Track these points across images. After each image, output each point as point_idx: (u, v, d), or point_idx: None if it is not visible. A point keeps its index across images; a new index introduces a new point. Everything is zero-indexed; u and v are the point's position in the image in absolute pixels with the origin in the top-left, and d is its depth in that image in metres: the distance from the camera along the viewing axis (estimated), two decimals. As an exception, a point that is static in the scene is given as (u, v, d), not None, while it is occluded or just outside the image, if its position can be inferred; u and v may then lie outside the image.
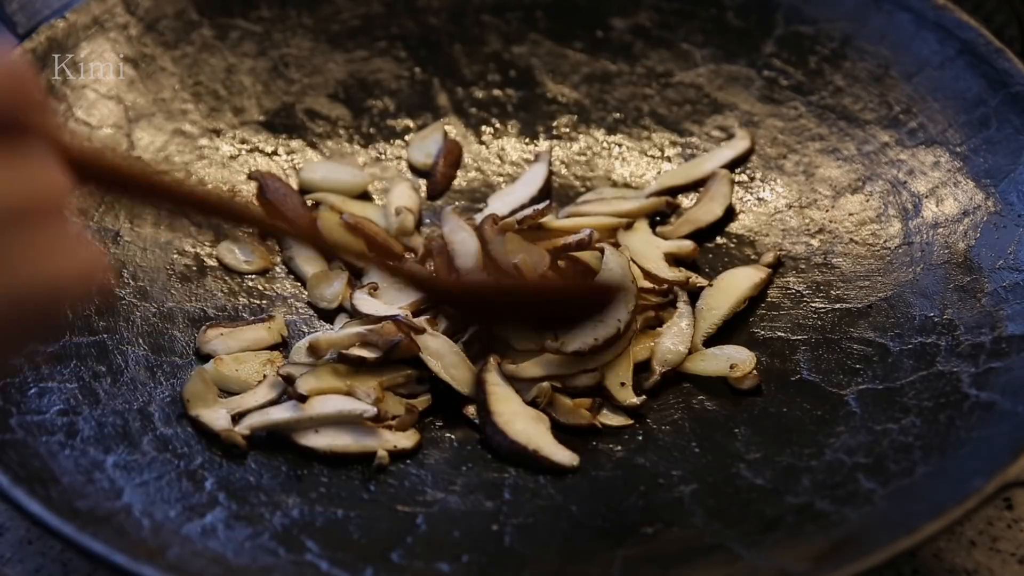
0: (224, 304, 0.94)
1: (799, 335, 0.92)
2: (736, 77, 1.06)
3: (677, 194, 1.03)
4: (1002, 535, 0.85)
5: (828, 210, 1.00)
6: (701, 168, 1.03)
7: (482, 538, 0.80)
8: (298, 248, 0.98)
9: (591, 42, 1.09)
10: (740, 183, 1.03)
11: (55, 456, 0.79)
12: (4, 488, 0.74)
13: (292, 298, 0.96)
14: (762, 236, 1.00)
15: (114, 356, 0.88)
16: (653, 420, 0.88)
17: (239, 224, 0.85)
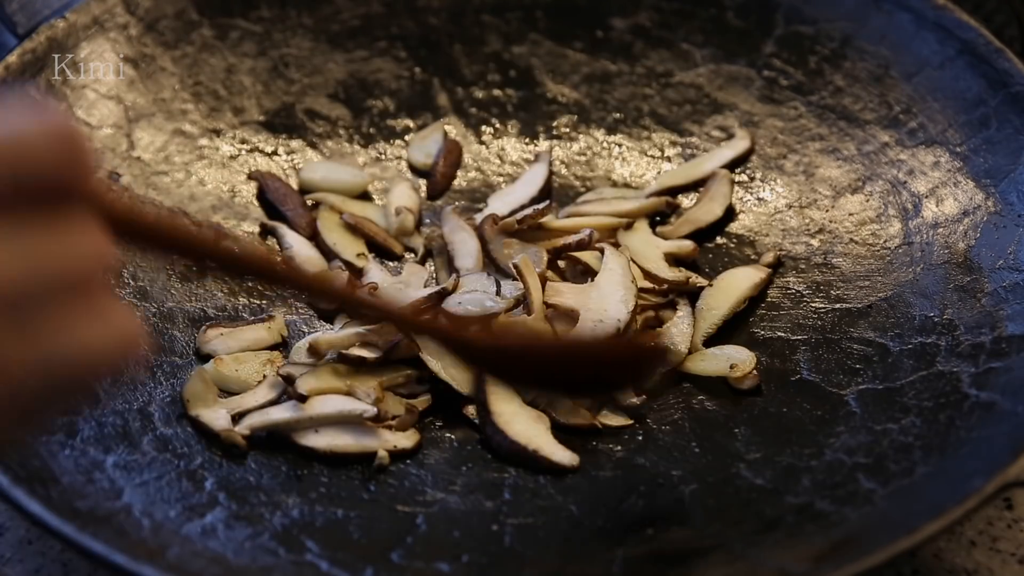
0: (224, 304, 0.94)
1: (799, 335, 0.92)
2: (736, 77, 1.06)
3: (677, 194, 1.03)
4: (1002, 535, 0.85)
5: (828, 210, 1.00)
6: (701, 168, 1.03)
7: (482, 538, 0.80)
8: (298, 248, 0.98)
9: (591, 42, 1.09)
10: (740, 183, 1.03)
11: (55, 456, 0.79)
12: (4, 488, 0.74)
13: (292, 298, 0.96)
14: (762, 236, 1.00)
15: (114, 356, 0.88)
16: (653, 420, 0.88)
17: (285, 288, 0.80)
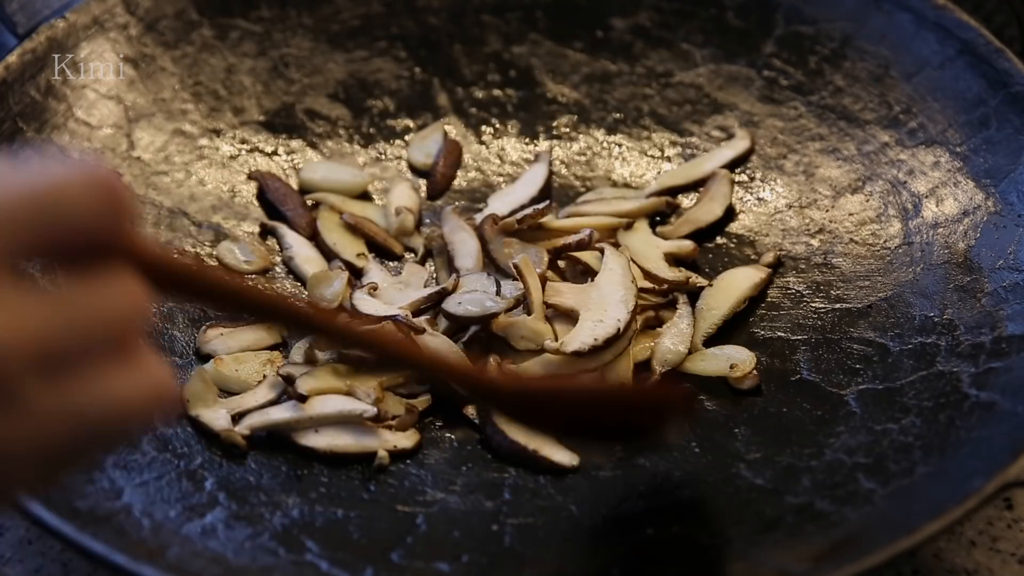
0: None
1: (799, 335, 0.92)
2: (736, 77, 1.06)
3: (677, 194, 1.03)
4: (1002, 535, 0.85)
5: (828, 210, 0.99)
6: (701, 168, 1.03)
7: (482, 538, 0.80)
8: (298, 248, 0.98)
9: (591, 42, 1.09)
10: (740, 183, 1.03)
11: (55, 456, 0.79)
12: (4, 488, 0.74)
13: (292, 298, 0.96)
14: (762, 236, 1.00)
15: (114, 356, 0.88)
16: (653, 420, 0.88)
17: (325, 337, 0.81)
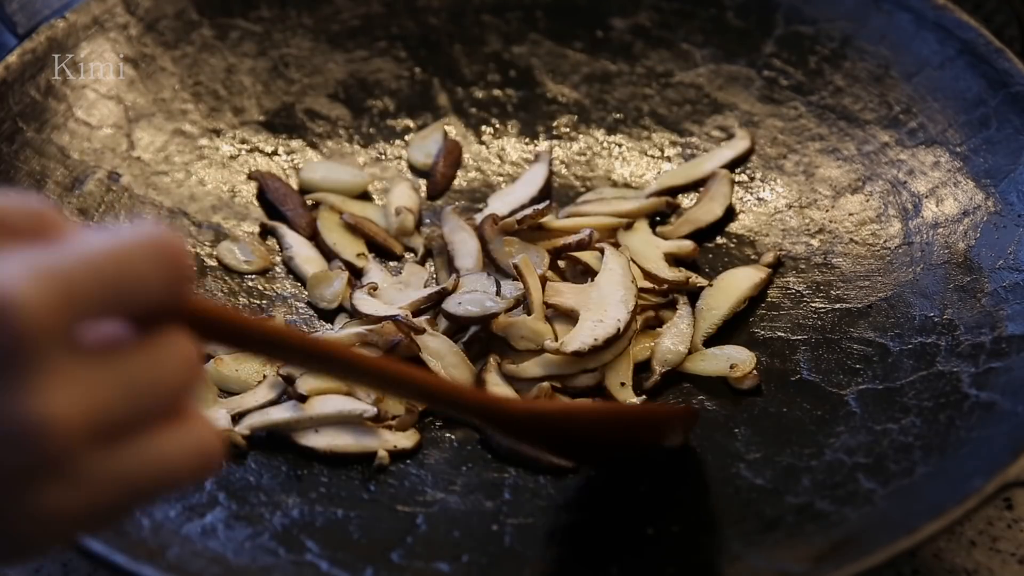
0: (224, 304, 0.94)
1: (799, 335, 0.92)
2: (736, 77, 1.06)
3: (677, 194, 1.03)
4: (1002, 535, 0.85)
5: (828, 210, 0.99)
6: (701, 168, 1.03)
7: (482, 538, 0.80)
8: (298, 248, 0.98)
9: (591, 42, 1.09)
10: (740, 183, 1.03)
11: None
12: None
13: (292, 298, 0.96)
14: (762, 236, 1.00)
15: (114, 356, 0.88)
16: (653, 420, 0.88)
17: (374, 388, 0.81)
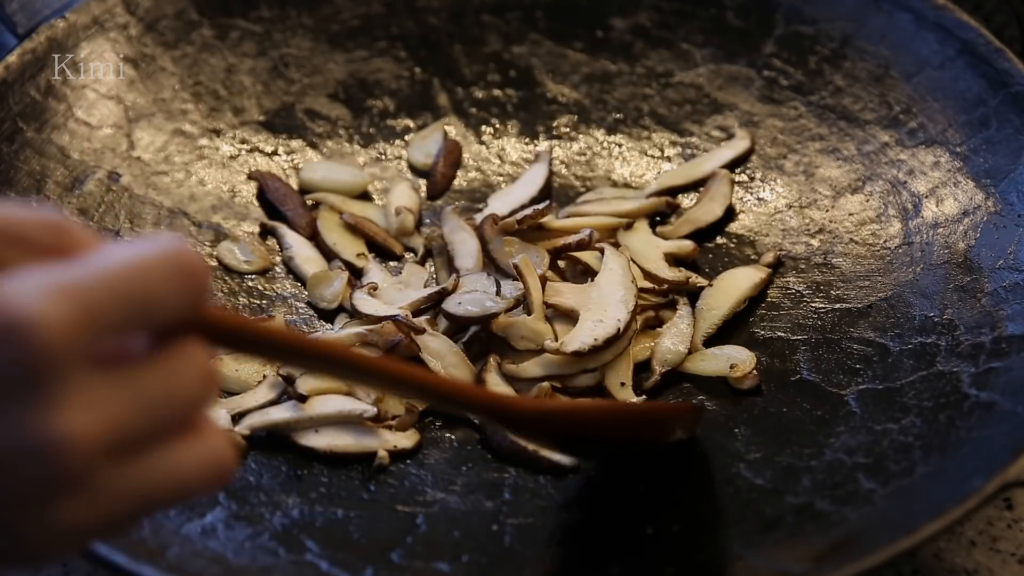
0: (224, 304, 0.94)
1: (799, 335, 0.92)
2: (736, 77, 1.06)
3: (677, 194, 1.03)
4: (1002, 535, 0.85)
5: (828, 210, 0.99)
6: (701, 168, 1.03)
7: (482, 538, 0.80)
8: (298, 248, 0.98)
9: (591, 42, 1.09)
10: (740, 183, 1.03)
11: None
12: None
13: (292, 298, 0.96)
14: (762, 236, 1.00)
15: (114, 356, 0.88)
16: (653, 420, 0.88)
17: (390, 390, 0.81)
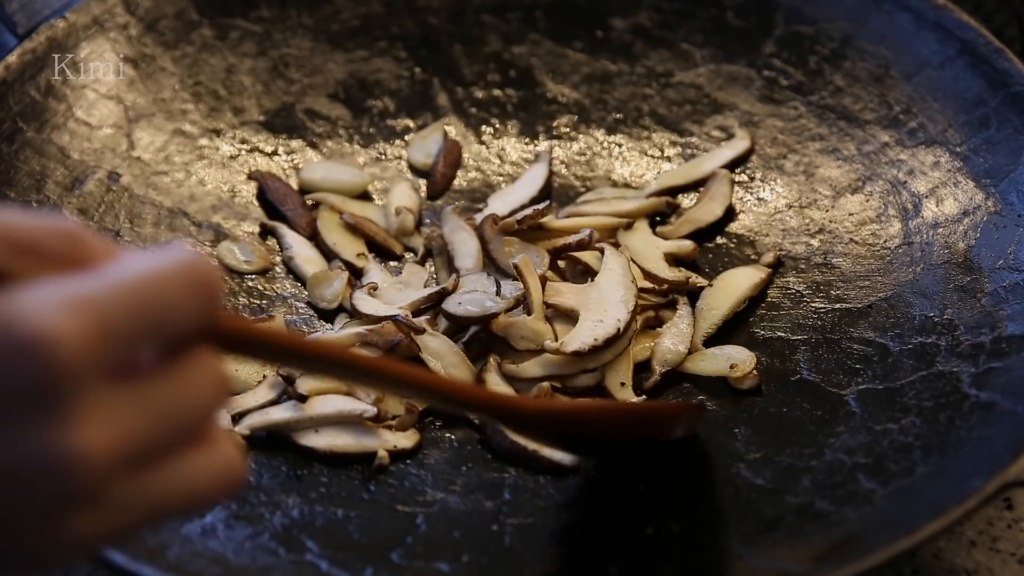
0: (224, 304, 0.94)
1: (799, 335, 0.92)
2: (736, 77, 1.06)
3: (677, 194, 1.03)
4: (1002, 535, 0.85)
5: (828, 210, 0.99)
6: (701, 168, 1.03)
7: (482, 538, 0.80)
8: (298, 248, 0.98)
9: (591, 42, 1.09)
10: (740, 183, 1.03)
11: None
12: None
13: (292, 298, 0.96)
14: (762, 236, 1.00)
15: (114, 356, 0.88)
16: (653, 420, 0.88)
17: (392, 391, 0.82)
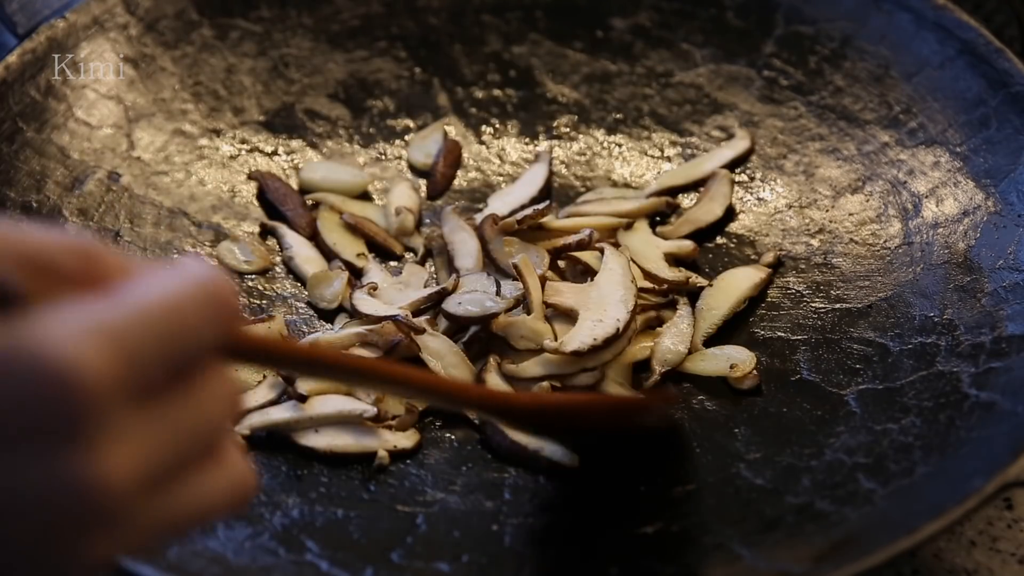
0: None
1: (799, 335, 0.92)
2: (736, 77, 1.06)
3: (677, 194, 1.03)
4: (1002, 535, 0.85)
5: (828, 210, 0.99)
6: (701, 168, 1.03)
7: (482, 538, 0.80)
8: (298, 248, 0.98)
9: (591, 42, 1.09)
10: (740, 183, 1.03)
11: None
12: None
13: (292, 298, 0.96)
14: (762, 236, 1.00)
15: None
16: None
17: (396, 392, 0.82)
